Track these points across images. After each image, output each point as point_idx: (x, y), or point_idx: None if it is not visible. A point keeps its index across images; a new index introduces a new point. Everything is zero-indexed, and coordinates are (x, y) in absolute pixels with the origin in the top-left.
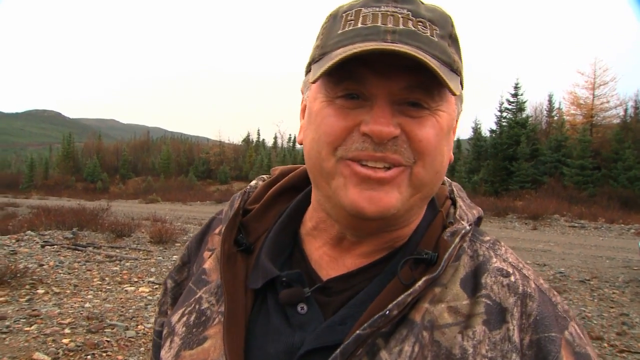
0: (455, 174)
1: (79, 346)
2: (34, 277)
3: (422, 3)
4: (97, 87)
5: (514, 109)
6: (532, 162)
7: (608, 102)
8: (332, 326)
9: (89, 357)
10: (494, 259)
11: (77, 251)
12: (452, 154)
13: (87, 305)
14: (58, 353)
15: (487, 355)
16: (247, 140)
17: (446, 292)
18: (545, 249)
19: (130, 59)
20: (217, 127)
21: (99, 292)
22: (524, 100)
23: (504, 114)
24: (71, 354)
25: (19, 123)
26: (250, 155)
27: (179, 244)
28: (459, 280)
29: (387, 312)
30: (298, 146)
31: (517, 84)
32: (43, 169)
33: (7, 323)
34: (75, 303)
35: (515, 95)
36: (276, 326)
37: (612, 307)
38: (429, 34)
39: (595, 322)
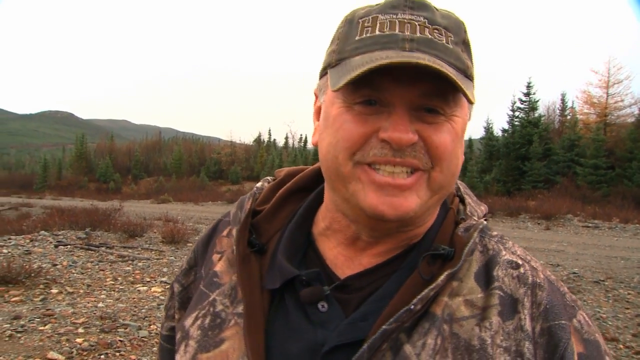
0: (467, 173)
1: (92, 345)
2: (48, 276)
3: (437, 10)
4: (110, 88)
5: (526, 108)
6: (545, 162)
7: (622, 100)
8: (354, 323)
9: (102, 356)
10: (504, 252)
11: (90, 251)
12: (462, 155)
13: (100, 305)
14: (72, 352)
15: (502, 345)
16: (258, 140)
17: (462, 285)
18: (559, 249)
19: (142, 60)
20: (229, 127)
21: (112, 292)
22: (536, 100)
23: (516, 113)
24: (85, 353)
25: (33, 124)
26: (262, 155)
27: (190, 244)
28: (473, 274)
29: (412, 306)
30: (309, 146)
31: (529, 83)
32: (56, 169)
33: (22, 322)
34: (88, 303)
35: (527, 94)
36: (297, 325)
37: (627, 308)
38: (444, 42)
39: (610, 323)
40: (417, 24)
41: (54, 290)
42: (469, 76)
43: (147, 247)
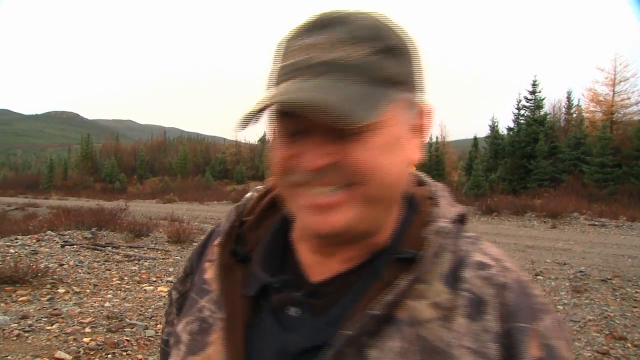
0: (472, 172)
1: (99, 345)
2: (55, 276)
3: (357, 20)
4: (115, 88)
5: (531, 106)
6: (551, 160)
7: (629, 98)
8: (321, 327)
9: (109, 356)
10: (475, 253)
11: (96, 251)
12: (419, 155)
13: (106, 304)
14: (79, 352)
15: (468, 346)
16: (263, 139)
17: (428, 288)
18: (565, 247)
19: (147, 60)
20: (233, 127)
21: (119, 292)
22: (542, 98)
23: (522, 112)
24: (92, 352)
25: (39, 124)
26: (267, 154)
27: (196, 244)
28: (440, 276)
29: (372, 311)
30: None
31: (535, 81)
32: (62, 169)
33: (30, 322)
34: (95, 302)
35: (533, 92)
36: (270, 330)
37: (635, 307)
38: (356, 56)
39: (618, 321)
40: (327, 44)
41: (61, 290)
42: (387, 82)
43: (153, 247)
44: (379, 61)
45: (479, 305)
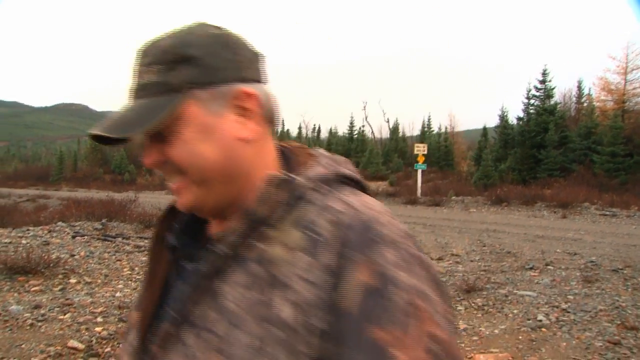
0: (482, 162)
1: (111, 334)
2: (66, 267)
3: (160, 43)
4: (123, 80)
5: (541, 95)
6: (561, 150)
7: None
8: (196, 273)
9: (121, 345)
10: (332, 201)
11: (106, 242)
12: (246, 132)
13: (118, 294)
14: (91, 341)
15: (304, 277)
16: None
17: (279, 232)
18: (576, 237)
19: None
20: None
21: (129, 282)
22: (552, 87)
23: (532, 101)
24: (104, 341)
25: (48, 117)
26: None
27: None
28: (295, 222)
29: (215, 249)
30: (322, 136)
31: (545, 70)
32: (72, 161)
33: (42, 311)
34: (106, 292)
35: (543, 81)
36: (174, 282)
37: None
38: (150, 76)
39: (629, 311)
40: (140, 70)
41: (73, 280)
42: (185, 87)
43: None
44: (168, 75)
45: (320, 244)
